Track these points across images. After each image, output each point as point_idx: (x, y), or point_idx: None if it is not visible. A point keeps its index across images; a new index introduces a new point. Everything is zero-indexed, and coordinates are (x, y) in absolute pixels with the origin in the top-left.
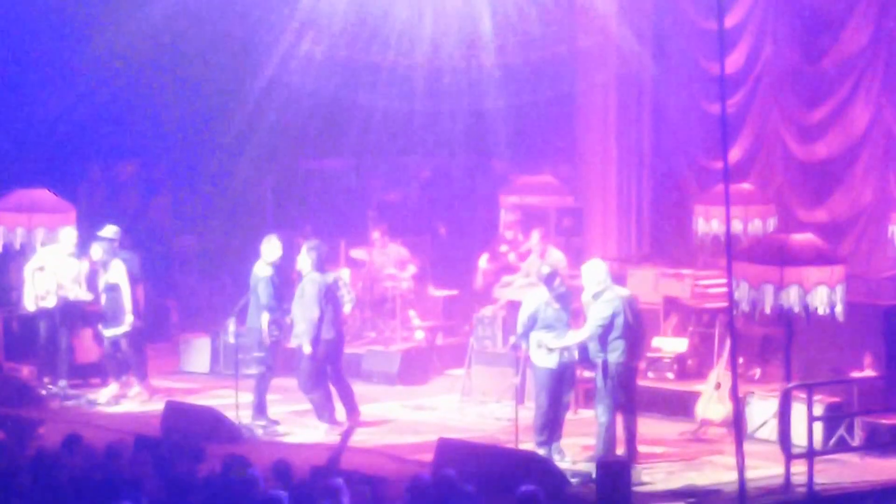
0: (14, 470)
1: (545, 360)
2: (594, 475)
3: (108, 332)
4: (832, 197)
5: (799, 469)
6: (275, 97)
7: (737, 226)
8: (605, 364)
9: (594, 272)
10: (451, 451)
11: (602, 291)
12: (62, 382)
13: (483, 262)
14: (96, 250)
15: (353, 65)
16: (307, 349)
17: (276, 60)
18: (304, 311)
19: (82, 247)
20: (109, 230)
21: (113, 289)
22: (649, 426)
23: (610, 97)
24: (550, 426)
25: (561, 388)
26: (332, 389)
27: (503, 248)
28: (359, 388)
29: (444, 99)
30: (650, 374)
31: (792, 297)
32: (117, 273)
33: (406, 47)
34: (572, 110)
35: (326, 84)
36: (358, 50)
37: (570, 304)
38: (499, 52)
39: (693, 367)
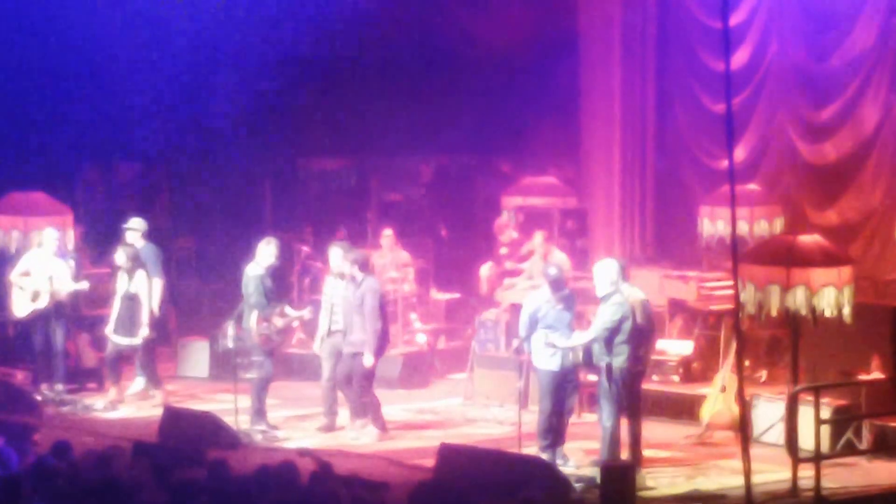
0: (12, 476)
1: (548, 363)
2: (598, 480)
3: (121, 340)
4: (842, 198)
5: (806, 473)
6: (274, 96)
7: (742, 227)
8: (609, 368)
9: (606, 272)
10: (454, 456)
11: (612, 293)
12: (58, 387)
13: (485, 270)
14: (121, 256)
15: (355, 64)
16: (369, 362)
17: (275, 58)
18: (364, 322)
19: (84, 249)
20: (136, 221)
21: (133, 298)
22: (654, 430)
23: (613, 97)
24: (554, 430)
25: (564, 391)
26: (340, 394)
27: (503, 250)
28: None
29: (446, 99)
30: (655, 377)
31: (798, 299)
32: (140, 283)
33: (409, 46)
34: (576, 111)
35: (326, 83)
36: (358, 48)
37: (573, 306)
38: (501, 52)
39: (698, 369)
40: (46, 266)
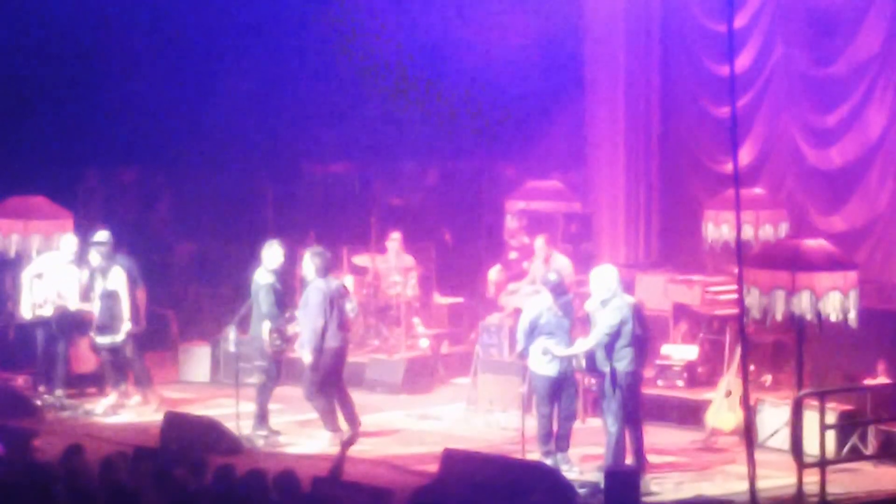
0: (11, 483)
1: (545, 369)
2: (602, 485)
3: (104, 341)
4: (847, 203)
5: (811, 478)
6: (276, 100)
7: (747, 231)
8: (613, 373)
9: (604, 278)
10: (457, 462)
11: (610, 299)
12: (58, 392)
13: (493, 274)
14: (95, 256)
15: (356, 66)
16: (307, 358)
17: (277, 62)
18: (308, 320)
19: (80, 255)
20: (102, 234)
21: (111, 296)
22: (659, 435)
23: (618, 101)
24: (554, 435)
25: (561, 397)
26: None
27: (512, 255)
28: (362, 398)
29: (450, 103)
30: (660, 382)
31: (803, 303)
32: (117, 280)
33: (411, 48)
34: (580, 115)
35: (329, 86)
36: (360, 51)
37: (572, 312)
38: (506, 56)
39: (703, 374)
40: (59, 273)
